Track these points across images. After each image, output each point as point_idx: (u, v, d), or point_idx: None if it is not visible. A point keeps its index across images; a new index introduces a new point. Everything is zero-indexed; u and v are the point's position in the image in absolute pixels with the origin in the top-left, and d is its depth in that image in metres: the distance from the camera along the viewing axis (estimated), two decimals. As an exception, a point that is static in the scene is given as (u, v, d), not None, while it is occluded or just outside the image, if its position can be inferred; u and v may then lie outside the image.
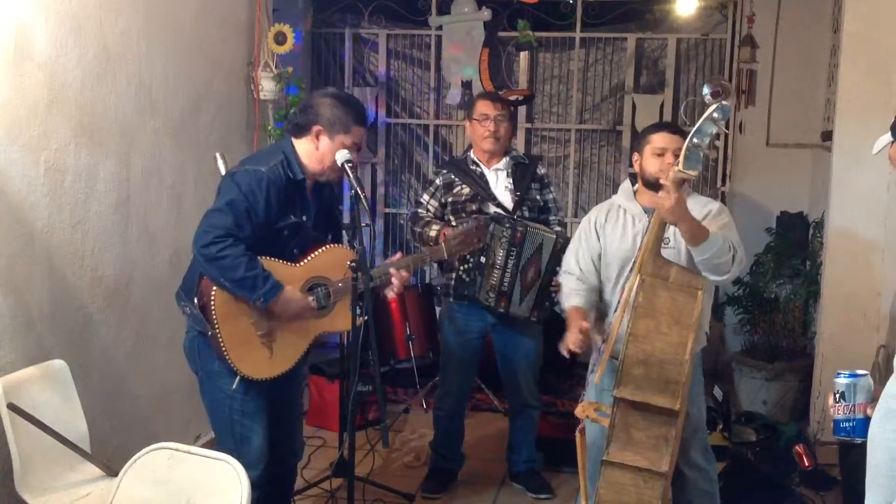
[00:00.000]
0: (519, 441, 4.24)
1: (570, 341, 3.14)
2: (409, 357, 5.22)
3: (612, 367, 3.02)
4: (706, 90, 3.87)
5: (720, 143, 5.89)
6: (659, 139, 3.23)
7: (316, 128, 2.96)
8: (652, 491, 2.83)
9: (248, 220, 2.87)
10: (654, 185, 3.15)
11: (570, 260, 3.43)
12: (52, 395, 3.14)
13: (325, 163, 2.98)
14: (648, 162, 3.24)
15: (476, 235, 3.37)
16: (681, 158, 2.84)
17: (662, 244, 3.05)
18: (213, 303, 2.89)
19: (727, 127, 5.98)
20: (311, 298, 3.00)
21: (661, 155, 3.20)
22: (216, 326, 2.90)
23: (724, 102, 2.84)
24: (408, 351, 5.23)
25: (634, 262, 3.11)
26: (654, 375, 2.80)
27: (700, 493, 3.34)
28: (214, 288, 2.88)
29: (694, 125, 2.85)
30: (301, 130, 3.00)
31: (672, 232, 3.16)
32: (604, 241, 3.34)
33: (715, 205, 3.28)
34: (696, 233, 2.95)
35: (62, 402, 3.17)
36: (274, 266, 2.94)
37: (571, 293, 3.34)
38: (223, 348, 2.91)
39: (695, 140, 2.80)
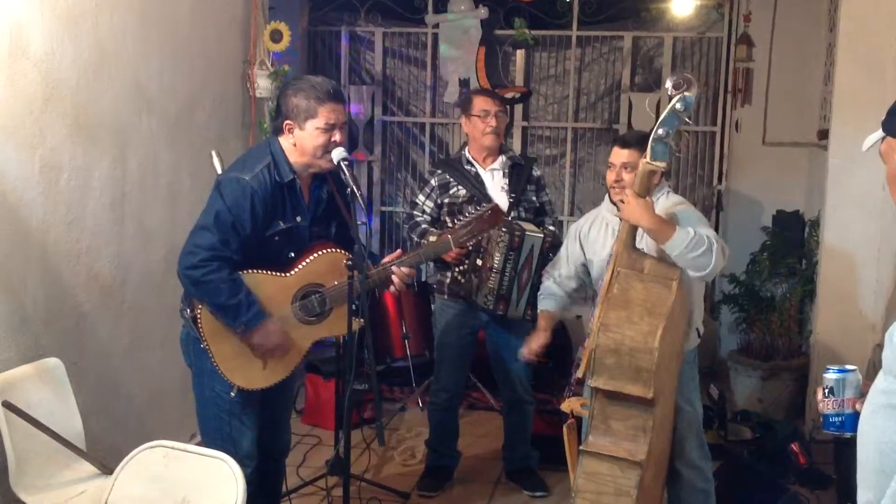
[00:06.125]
0: (513, 437, 4.25)
1: (531, 349, 3.57)
2: (406, 356, 5.21)
3: None
4: (668, 83, 3.90)
5: (689, 135, 5.88)
6: (611, 154, 3.32)
7: (286, 123, 2.94)
8: (628, 480, 2.85)
9: (234, 234, 2.85)
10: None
11: (555, 263, 3.63)
12: (47, 393, 3.13)
13: (307, 153, 2.93)
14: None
15: (489, 221, 3.17)
16: (647, 150, 2.90)
17: None
18: (199, 319, 2.89)
19: (724, 126, 6.01)
20: (293, 308, 2.96)
21: (610, 168, 3.30)
22: (205, 341, 2.90)
23: (686, 94, 2.87)
24: (404, 350, 5.22)
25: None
26: (625, 364, 2.83)
27: (695, 492, 3.35)
28: (200, 306, 2.88)
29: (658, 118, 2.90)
30: (278, 130, 3.00)
31: None
32: (588, 251, 3.44)
33: (679, 198, 3.34)
34: (661, 230, 2.96)
35: (57, 401, 3.16)
36: (264, 280, 2.91)
37: (546, 296, 3.62)
38: (214, 362, 2.92)
39: (659, 132, 2.86)
